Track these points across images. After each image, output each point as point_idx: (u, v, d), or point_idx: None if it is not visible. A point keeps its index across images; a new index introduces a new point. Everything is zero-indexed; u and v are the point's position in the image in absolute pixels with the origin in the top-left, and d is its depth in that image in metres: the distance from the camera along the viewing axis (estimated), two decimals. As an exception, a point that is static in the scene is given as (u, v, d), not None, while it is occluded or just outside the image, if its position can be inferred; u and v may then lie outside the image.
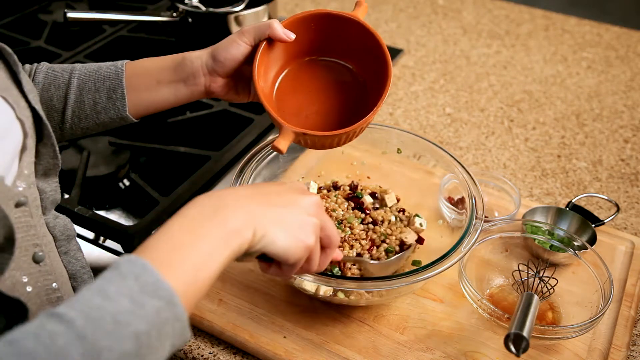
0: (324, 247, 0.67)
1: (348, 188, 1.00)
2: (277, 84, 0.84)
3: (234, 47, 0.78)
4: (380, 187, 1.02)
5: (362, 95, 0.83)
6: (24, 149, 0.66)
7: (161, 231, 0.56)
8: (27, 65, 0.84)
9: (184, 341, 0.53)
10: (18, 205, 0.65)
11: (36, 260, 0.68)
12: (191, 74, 0.80)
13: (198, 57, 0.80)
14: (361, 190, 1.00)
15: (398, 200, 0.99)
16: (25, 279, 0.67)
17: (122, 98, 0.81)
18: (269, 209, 0.61)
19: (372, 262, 0.87)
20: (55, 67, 0.84)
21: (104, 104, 0.81)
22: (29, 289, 0.67)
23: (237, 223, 0.57)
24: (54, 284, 0.71)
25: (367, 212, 0.95)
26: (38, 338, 0.45)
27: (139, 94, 0.82)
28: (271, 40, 0.79)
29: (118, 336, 0.47)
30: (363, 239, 0.91)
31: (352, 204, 0.97)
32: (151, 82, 0.82)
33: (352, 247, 0.90)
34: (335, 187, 1.01)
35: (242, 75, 0.82)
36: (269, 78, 0.82)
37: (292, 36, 0.79)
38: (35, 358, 0.45)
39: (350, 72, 0.85)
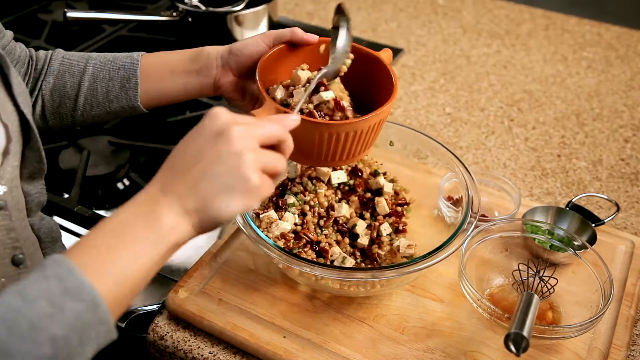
0: (275, 147, 0.63)
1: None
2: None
3: (252, 45, 0.80)
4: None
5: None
6: (6, 153, 0.66)
7: (95, 230, 0.55)
8: (42, 52, 0.85)
9: (110, 341, 0.52)
10: None
11: (15, 263, 0.68)
12: (205, 65, 0.81)
13: (215, 49, 0.82)
14: None
15: None
16: (3, 281, 0.67)
17: (135, 87, 0.82)
18: (197, 186, 0.57)
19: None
20: (71, 54, 0.85)
21: (117, 92, 0.82)
22: None
23: (170, 221, 0.56)
24: None
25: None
26: None
27: (152, 84, 0.83)
28: (290, 46, 0.80)
29: (33, 341, 0.46)
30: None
31: None
32: (165, 72, 0.83)
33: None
34: None
35: (252, 82, 0.82)
36: (274, 76, 0.82)
37: (315, 38, 0.80)
38: None
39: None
